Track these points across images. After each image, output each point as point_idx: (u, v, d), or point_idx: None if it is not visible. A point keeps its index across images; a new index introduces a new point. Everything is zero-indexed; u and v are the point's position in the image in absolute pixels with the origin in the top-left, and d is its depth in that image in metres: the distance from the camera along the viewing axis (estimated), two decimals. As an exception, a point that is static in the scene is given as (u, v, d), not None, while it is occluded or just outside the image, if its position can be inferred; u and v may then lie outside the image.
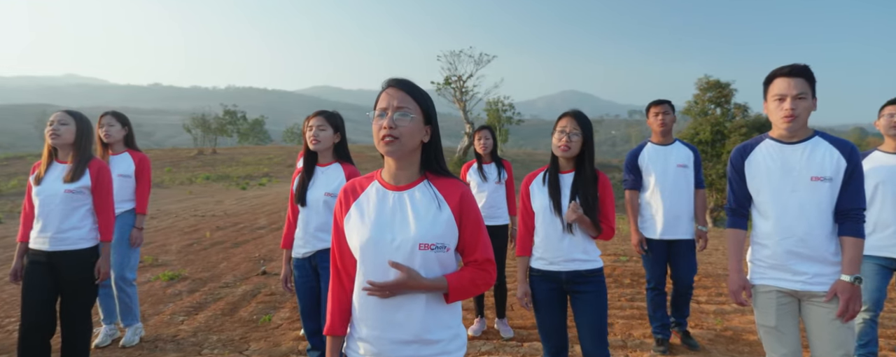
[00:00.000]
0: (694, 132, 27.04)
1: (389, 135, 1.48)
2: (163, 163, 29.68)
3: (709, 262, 7.34)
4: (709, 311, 4.90)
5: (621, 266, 6.65)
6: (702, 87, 28.31)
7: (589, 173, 2.53)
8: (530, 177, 2.68)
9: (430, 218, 1.52)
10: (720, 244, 9.43)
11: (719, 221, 27.17)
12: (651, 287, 3.87)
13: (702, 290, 5.69)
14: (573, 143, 2.50)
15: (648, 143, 3.90)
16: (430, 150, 1.58)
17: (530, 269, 2.63)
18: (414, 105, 1.52)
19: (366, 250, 1.53)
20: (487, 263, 1.58)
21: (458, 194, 1.55)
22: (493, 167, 4.20)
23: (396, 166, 1.57)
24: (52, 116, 2.85)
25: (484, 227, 1.60)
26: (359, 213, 1.58)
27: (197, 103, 69.26)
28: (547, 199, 2.55)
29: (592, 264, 2.55)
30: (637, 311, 4.83)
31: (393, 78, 1.57)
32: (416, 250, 1.49)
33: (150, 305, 4.79)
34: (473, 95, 40.80)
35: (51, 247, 2.79)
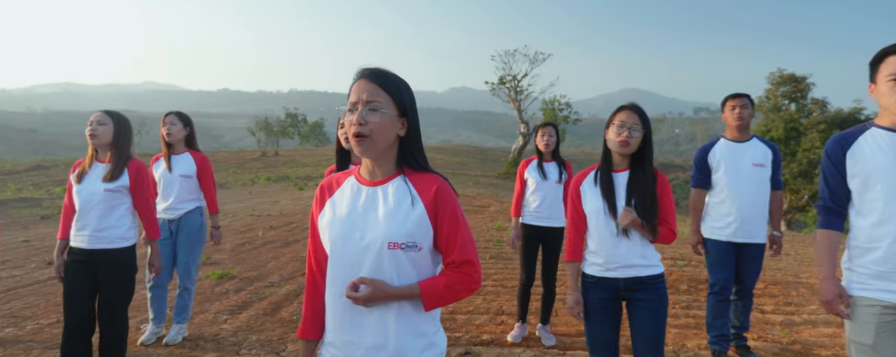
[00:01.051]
0: (765, 129, 25.57)
1: (359, 133, 1.38)
2: (228, 164, 31.07)
3: (777, 268, 6.82)
4: (775, 322, 4.51)
5: (678, 271, 6.26)
6: (775, 82, 26.69)
7: (647, 172, 2.33)
8: (580, 176, 2.48)
9: (401, 215, 1.40)
10: (791, 249, 8.78)
11: (793, 224, 25.52)
12: (715, 291, 3.58)
13: (768, 298, 5.26)
14: (633, 138, 2.29)
15: (722, 138, 3.63)
16: (407, 144, 1.46)
17: (583, 274, 2.44)
18: (386, 98, 1.40)
19: (334, 248, 1.44)
20: (466, 265, 1.43)
21: (433, 189, 1.42)
22: (553, 166, 4.02)
23: (372, 163, 1.47)
24: (91, 117, 2.91)
25: (465, 225, 1.46)
26: (332, 209, 1.49)
27: (262, 107, 72.26)
28: (600, 200, 2.35)
29: (653, 270, 2.35)
30: (693, 321, 4.50)
31: (364, 68, 1.44)
32: (385, 249, 1.37)
33: (198, 304, 4.91)
34: (528, 94, 40.30)
35: (89, 245, 2.86)
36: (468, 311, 4.76)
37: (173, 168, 3.82)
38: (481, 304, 4.96)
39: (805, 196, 24.69)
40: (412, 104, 1.46)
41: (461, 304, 4.93)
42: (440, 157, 40.56)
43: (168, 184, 3.82)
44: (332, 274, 1.44)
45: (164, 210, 3.83)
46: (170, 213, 3.82)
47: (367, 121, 1.37)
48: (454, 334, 4.15)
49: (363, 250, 1.39)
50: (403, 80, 1.46)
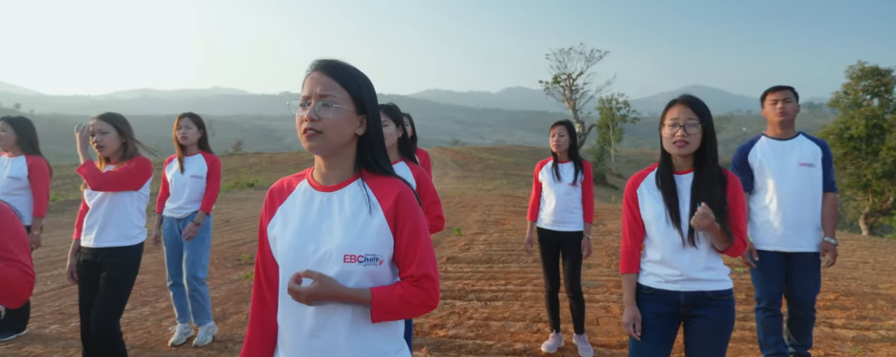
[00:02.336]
0: (844, 126, 23.83)
1: (310, 129, 1.25)
2: (287, 165, 32.06)
3: (852, 277, 6.19)
4: (846, 338, 4.05)
5: (735, 278, 5.79)
6: (854, 76, 24.82)
7: (713, 172, 2.05)
8: (636, 178, 2.21)
9: (358, 224, 1.28)
10: (870, 256, 7.99)
11: (877, 228, 23.64)
12: (762, 307, 3.24)
13: (839, 311, 4.75)
14: (691, 136, 2.01)
15: (762, 137, 3.29)
16: (366, 144, 1.33)
17: (638, 286, 2.17)
18: (342, 92, 1.28)
19: (285, 262, 1.31)
20: (425, 280, 1.28)
21: (393, 195, 1.30)
22: (569, 167, 3.79)
23: (325, 164, 1.34)
24: (91, 126, 2.88)
25: (426, 236, 1.30)
26: (283, 218, 1.36)
27: (319, 110, 74.29)
28: (661, 205, 2.09)
29: (720, 284, 2.07)
30: (749, 333, 4.11)
31: (319, 60, 1.31)
32: (342, 263, 1.25)
33: (234, 304, 4.96)
34: (584, 93, 39.37)
35: (95, 243, 2.88)
36: (503, 317, 4.56)
37: (185, 169, 3.85)
38: (518, 309, 4.74)
39: (890, 198, 22.83)
40: (372, 100, 1.34)
41: (496, 309, 4.74)
42: (494, 157, 40.26)
43: (179, 184, 3.86)
44: (283, 290, 1.31)
45: (172, 209, 3.88)
46: (178, 213, 3.86)
47: (319, 117, 1.25)
48: (486, 342, 3.97)
49: (317, 264, 1.26)
50: (363, 74, 1.33)
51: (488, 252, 7.21)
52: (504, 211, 12.12)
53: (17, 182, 3.84)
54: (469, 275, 6.02)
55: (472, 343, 3.95)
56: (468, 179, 26.56)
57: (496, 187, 20.90)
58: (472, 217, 11.10)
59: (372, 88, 1.34)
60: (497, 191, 18.68)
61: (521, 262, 6.59)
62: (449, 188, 20.67)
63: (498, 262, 6.62)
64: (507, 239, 8.31)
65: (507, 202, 14.08)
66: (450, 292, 5.30)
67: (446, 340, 4.02)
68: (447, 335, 4.13)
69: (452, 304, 4.91)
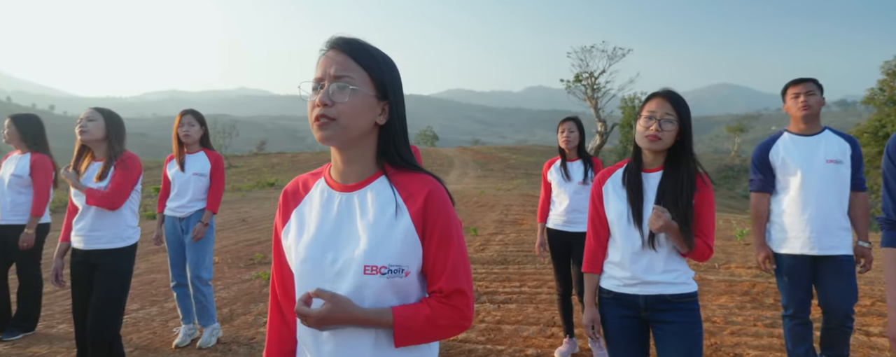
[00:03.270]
0: (879, 124, 22.97)
1: (323, 115, 1.08)
2: (309, 165, 32.33)
3: (888, 281, 5.85)
4: (884, 347, 3.79)
5: (764, 282, 5.53)
6: (890, 72, 23.91)
7: (684, 173, 1.95)
8: (604, 174, 2.13)
9: (382, 229, 1.10)
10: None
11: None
12: (789, 314, 3.02)
13: (876, 317, 4.47)
14: (665, 131, 1.92)
15: (785, 132, 3.07)
16: (388, 134, 1.15)
17: (600, 290, 2.11)
18: (360, 74, 1.10)
19: (301, 274, 1.15)
20: (456, 296, 1.11)
21: (423, 194, 1.12)
22: (578, 165, 3.64)
23: (342, 158, 1.16)
24: (81, 114, 2.84)
25: (459, 243, 1.13)
26: (299, 223, 1.20)
27: (341, 110, 75.09)
28: (624, 204, 2.01)
29: (680, 287, 2.00)
30: (777, 340, 3.89)
31: (335, 36, 1.13)
32: (362, 275, 1.08)
33: (242, 305, 4.89)
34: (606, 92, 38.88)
35: (85, 245, 2.80)
36: (516, 320, 4.39)
37: (187, 167, 3.75)
38: (532, 313, 4.58)
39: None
40: (396, 85, 1.16)
41: (509, 312, 4.58)
42: (514, 157, 39.99)
43: (182, 183, 3.77)
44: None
45: (175, 209, 3.79)
46: (180, 212, 3.77)
47: (333, 101, 1.08)
48: (496, 347, 3.82)
49: (336, 277, 1.10)
50: (385, 55, 1.16)
51: (504, 253, 7.05)
52: (522, 211, 11.93)
53: (20, 180, 3.83)
54: (483, 276, 5.86)
55: (482, 348, 3.80)
56: (488, 179, 26.39)
57: (516, 187, 20.68)
58: (490, 217, 10.94)
59: (396, 71, 1.16)
60: (516, 191, 18.47)
61: (537, 264, 6.41)
62: (468, 188, 20.53)
63: (513, 264, 6.45)
64: (524, 239, 8.12)
65: (525, 202, 13.88)
66: (462, 294, 5.15)
67: (455, 345, 3.88)
68: (456, 339, 3.98)
69: (464, 307, 4.76)
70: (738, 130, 70.94)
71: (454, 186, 21.52)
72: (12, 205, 3.84)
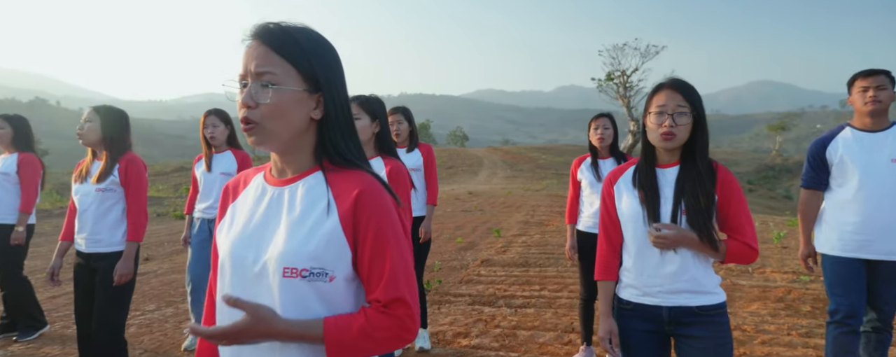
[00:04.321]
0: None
1: (246, 119, 0.99)
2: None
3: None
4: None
5: (801, 288, 5.21)
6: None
7: (702, 167, 1.76)
8: (615, 173, 1.95)
9: (306, 228, 1.00)
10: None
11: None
12: (836, 320, 2.80)
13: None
14: (679, 127, 1.74)
15: (847, 127, 2.87)
16: (327, 129, 1.05)
17: (617, 299, 1.93)
18: (284, 67, 0.99)
19: (222, 274, 1.06)
20: (397, 305, 0.99)
21: (353, 194, 1.00)
22: (610, 163, 3.44)
23: (279, 156, 1.08)
24: (82, 116, 2.80)
25: (400, 247, 1.01)
26: (231, 218, 1.11)
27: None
28: (638, 204, 1.83)
29: (708, 298, 1.79)
30: (813, 352, 3.62)
31: (256, 24, 1.02)
32: (281, 277, 0.97)
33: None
34: (639, 90, 38.13)
35: (86, 248, 2.76)
36: (533, 326, 4.23)
37: (213, 167, 3.71)
38: (550, 318, 4.40)
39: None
40: (331, 73, 1.04)
41: (526, 317, 4.42)
42: (544, 156, 39.54)
43: (208, 183, 3.72)
44: (220, 312, 1.06)
45: (203, 210, 3.73)
46: (209, 213, 3.71)
47: (256, 102, 0.97)
48: (510, 354, 3.67)
49: (256, 278, 1.00)
50: (317, 40, 1.03)
51: (525, 255, 6.87)
52: (549, 212, 11.69)
53: (7, 177, 3.83)
54: (502, 279, 5.71)
55: (494, 354, 3.66)
56: (517, 179, 26.14)
57: (545, 187, 20.39)
58: (515, 218, 10.75)
59: (329, 57, 1.05)
60: (545, 191, 18.19)
61: (560, 266, 6.22)
62: (496, 188, 20.33)
63: (534, 266, 6.27)
64: (548, 241, 7.92)
65: (553, 202, 13.63)
66: (479, 298, 5.01)
67: (468, 351, 3.75)
68: (469, 345, 3.85)
69: (480, 311, 4.62)
70: (780, 129, 68.60)
71: (482, 187, 21.35)
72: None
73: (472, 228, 9.41)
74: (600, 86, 38.40)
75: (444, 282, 5.62)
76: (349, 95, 1.10)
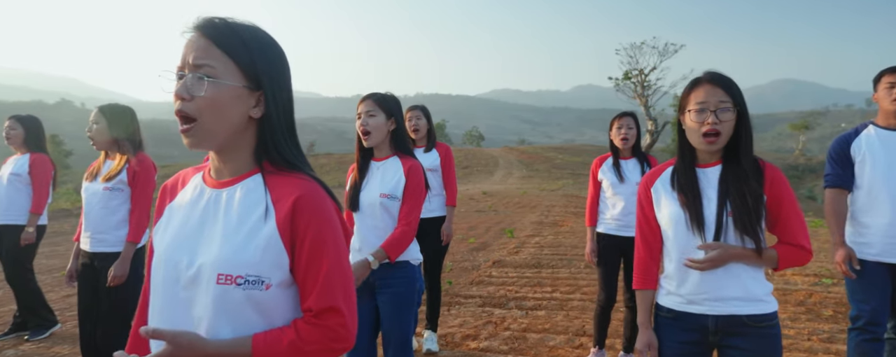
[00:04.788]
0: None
1: (180, 112, 0.96)
2: (353, 166, 32.72)
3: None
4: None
5: (822, 291, 5.05)
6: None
7: (747, 165, 1.64)
8: (652, 174, 1.83)
9: (243, 233, 0.97)
10: None
11: None
12: (858, 327, 2.69)
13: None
14: (723, 123, 1.60)
15: (870, 125, 2.76)
16: (267, 129, 1.01)
17: (657, 307, 1.80)
18: (224, 61, 0.96)
19: (155, 280, 1.03)
20: (329, 315, 0.96)
21: (291, 199, 0.97)
22: (633, 164, 3.34)
23: (217, 155, 1.04)
24: (90, 117, 2.77)
25: (335, 254, 0.98)
26: (166, 221, 1.08)
27: (388, 111, 76.35)
28: (679, 207, 1.70)
29: (759, 306, 1.65)
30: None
31: (199, 16, 0.99)
32: (215, 284, 0.94)
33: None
34: (657, 89, 37.66)
35: (91, 247, 2.75)
36: (543, 329, 4.15)
37: None
38: (561, 321, 4.32)
39: None
40: (274, 71, 1.01)
41: (537, 319, 4.34)
42: (560, 156, 39.24)
43: None
44: (152, 315, 1.02)
45: None
46: None
47: (191, 95, 0.95)
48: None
49: (190, 283, 0.97)
50: (261, 36, 1.01)
51: (538, 256, 6.78)
52: (564, 212, 11.57)
53: (19, 178, 3.85)
54: (513, 280, 5.63)
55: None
56: (533, 179, 25.95)
57: (561, 187, 20.20)
58: (529, 218, 10.65)
59: (273, 55, 1.02)
60: (561, 191, 18.02)
61: (573, 268, 6.12)
62: (511, 188, 20.21)
63: (547, 267, 6.18)
64: (562, 242, 7.82)
65: (568, 203, 13.48)
66: (489, 299, 4.95)
67: (476, 354, 3.69)
68: (478, 347, 3.79)
69: (490, 313, 4.56)
70: (803, 128, 67.25)
71: (497, 187, 21.23)
72: (9, 204, 3.83)
73: (485, 229, 9.33)
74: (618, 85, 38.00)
75: (454, 283, 5.57)
76: (293, 98, 1.07)
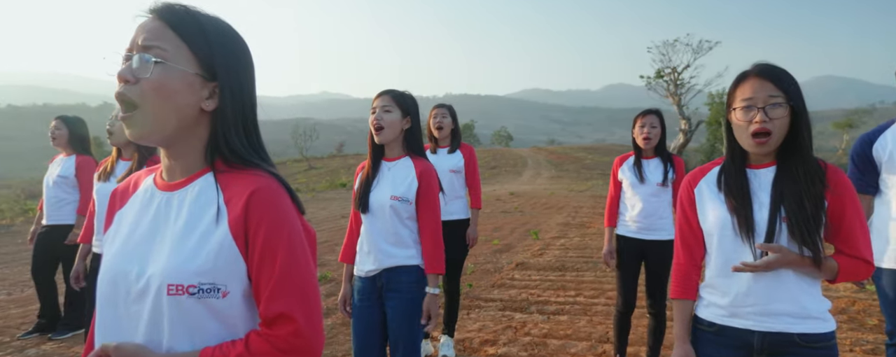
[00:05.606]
0: None
1: (122, 95, 0.87)
2: (381, 166, 32.88)
3: None
4: None
5: (866, 298, 4.76)
6: None
7: (806, 166, 1.47)
8: (695, 174, 1.67)
9: (194, 238, 0.89)
10: None
11: None
12: (894, 343, 2.48)
13: None
14: (774, 122, 1.43)
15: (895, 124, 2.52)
16: (220, 123, 0.93)
17: (696, 319, 1.62)
18: (176, 44, 0.88)
19: (102, 292, 0.93)
20: (280, 323, 0.87)
21: (245, 195, 0.89)
22: (656, 164, 3.17)
23: (166, 152, 0.96)
24: (112, 113, 2.80)
25: (293, 256, 0.89)
26: (115, 228, 0.99)
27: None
28: (726, 212, 1.53)
29: (815, 325, 1.47)
30: (880, 374, 3.25)
31: (159, 0, 0.91)
32: (165, 295, 0.86)
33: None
34: (691, 88, 36.81)
35: (98, 249, 2.75)
36: (565, 335, 4.00)
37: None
38: (584, 326, 4.16)
39: None
40: (232, 62, 0.93)
41: (559, 325, 4.19)
42: (590, 156, 38.67)
43: None
44: (99, 332, 0.94)
45: None
46: None
47: (136, 77, 0.86)
48: (538, 364, 3.47)
49: (139, 297, 0.88)
50: (223, 27, 0.93)
51: (563, 258, 6.61)
52: (592, 213, 11.32)
53: (65, 181, 3.91)
54: (536, 284, 5.48)
55: (521, 365, 3.47)
56: (562, 180, 25.61)
57: (589, 188, 19.85)
58: (555, 219, 10.45)
59: (233, 46, 0.94)
60: (589, 192, 17.70)
61: (598, 271, 5.93)
62: (539, 189, 19.95)
63: (571, 270, 6.01)
64: (588, 244, 7.61)
65: (597, 204, 13.20)
66: (510, 303, 4.82)
67: (494, 360, 3.57)
68: (496, 353, 3.67)
69: (511, 317, 4.43)
70: (847, 126, 64.72)
71: (525, 187, 20.98)
72: (58, 206, 3.92)
73: (510, 230, 9.19)
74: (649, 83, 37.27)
75: (475, 286, 5.45)
76: (255, 97, 0.98)
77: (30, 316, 4.54)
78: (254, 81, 0.98)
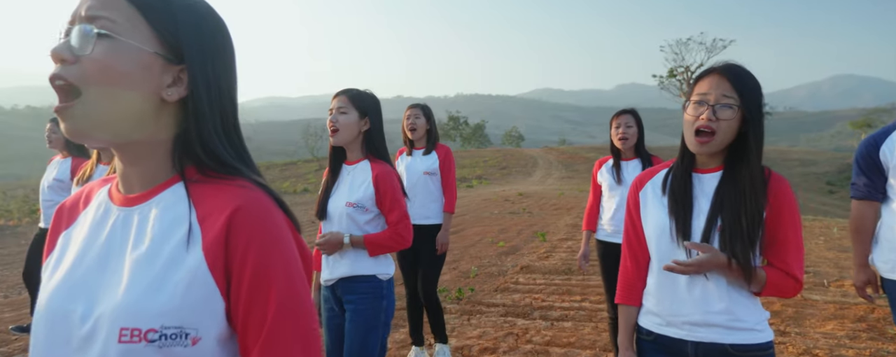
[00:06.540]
0: None
1: (58, 77, 0.67)
2: (391, 167, 32.86)
3: None
4: None
5: (887, 306, 4.53)
6: None
7: (751, 175, 1.41)
8: (642, 177, 1.63)
9: (156, 267, 0.69)
10: None
11: None
12: None
13: None
14: (721, 122, 1.38)
15: None
16: (189, 117, 0.73)
17: (638, 328, 1.59)
18: (130, 15, 0.69)
19: (36, 336, 0.73)
20: None
21: (226, 212, 0.70)
22: (635, 165, 3.09)
23: (119, 156, 0.75)
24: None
25: (291, 290, 0.70)
26: (58, 255, 0.78)
27: (429, 112, 77.32)
28: (666, 215, 1.49)
29: (749, 335, 1.43)
30: (903, 389, 3.06)
31: None
32: (116, 343, 0.66)
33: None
34: (704, 86, 36.53)
35: None
36: (568, 342, 3.84)
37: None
38: (588, 333, 4.00)
39: None
40: (205, 42, 0.74)
41: (562, 331, 4.03)
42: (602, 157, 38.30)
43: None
44: None
45: None
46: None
47: (76, 55, 0.67)
48: (538, 374, 3.31)
49: (83, 344, 0.68)
50: (197, 5, 0.74)
51: (569, 261, 6.43)
52: (601, 214, 11.11)
53: (61, 184, 3.83)
54: (541, 288, 5.32)
55: (520, 375, 3.32)
56: (572, 180, 25.34)
57: (600, 188, 19.59)
58: (564, 220, 10.26)
59: (206, 24, 0.74)
60: (600, 192, 17.45)
61: (606, 275, 5.75)
62: (549, 189, 19.73)
63: (578, 274, 5.84)
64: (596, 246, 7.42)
65: (607, 205, 12.98)
66: (513, 308, 4.66)
67: (492, 369, 3.43)
68: (495, 362, 3.52)
69: (513, 323, 4.28)
70: (864, 126, 63.69)
71: (535, 187, 20.78)
72: (53, 209, 3.83)
73: (517, 231, 9.02)
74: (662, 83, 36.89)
75: (477, 290, 5.30)
76: (236, 87, 0.79)
77: (22, 319, 4.48)
78: (234, 69, 0.79)
